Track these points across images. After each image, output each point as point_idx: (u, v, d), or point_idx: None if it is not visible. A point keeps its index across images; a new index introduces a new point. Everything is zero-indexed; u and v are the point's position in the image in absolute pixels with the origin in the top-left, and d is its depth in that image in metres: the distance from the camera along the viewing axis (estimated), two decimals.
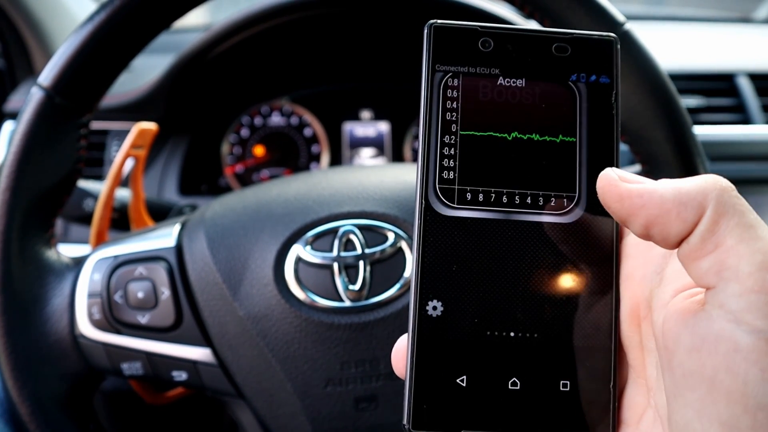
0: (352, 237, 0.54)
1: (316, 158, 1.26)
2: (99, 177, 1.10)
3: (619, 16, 0.54)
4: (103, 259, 0.57)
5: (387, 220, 0.55)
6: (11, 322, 0.54)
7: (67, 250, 0.90)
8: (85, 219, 0.74)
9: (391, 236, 0.54)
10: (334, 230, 0.54)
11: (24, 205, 0.55)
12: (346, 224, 0.54)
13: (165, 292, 0.55)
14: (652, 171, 0.57)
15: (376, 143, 1.26)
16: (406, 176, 0.59)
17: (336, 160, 1.26)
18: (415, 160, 1.26)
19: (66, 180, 0.58)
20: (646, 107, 0.54)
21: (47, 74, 0.55)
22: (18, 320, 0.55)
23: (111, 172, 0.68)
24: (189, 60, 1.01)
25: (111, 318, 0.55)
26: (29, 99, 0.55)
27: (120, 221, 0.76)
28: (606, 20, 0.54)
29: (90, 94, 0.57)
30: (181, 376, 0.55)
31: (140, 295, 0.55)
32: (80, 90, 0.56)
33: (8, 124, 1.17)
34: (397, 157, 1.25)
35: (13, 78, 1.40)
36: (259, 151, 1.25)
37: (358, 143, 1.26)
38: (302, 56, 1.17)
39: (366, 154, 1.26)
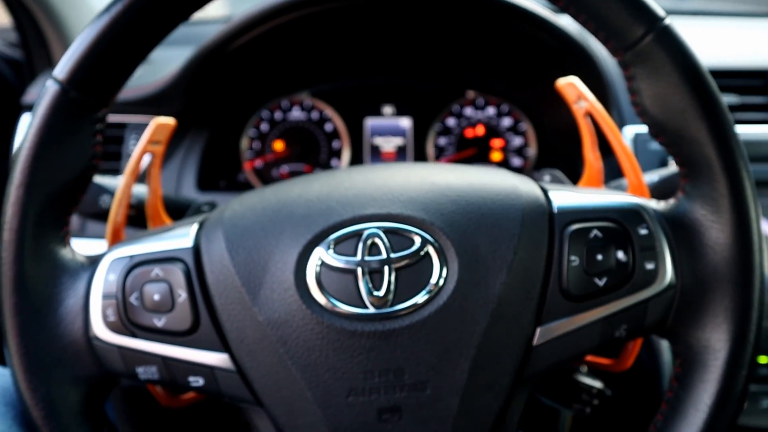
0: (377, 240, 0.51)
1: (337, 154, 1.23)
2: (116, 171, 1.09)
3: (659, 11, 0.51)
4: (118, 259, 0.55)
5: (413, 224, 0.52)
6: (24, 324, 0.53)
7: (83, 246, 0.89)
8: (101, 215, 0.73)
9: (417, 240, 0.51)
10: (358, 233, 0.52)
11: (38, 202, 0.53)
12: (370, 227, 0.52)
13: (182, 295, 0.53)
14: (692, 173, 0.54)
15: (398, 139, 1.23)
16: (433, 176, 0.56)
17: (357, 156, 1.23)
18: (438, 156, 1.23)
19: (81, 177, 0.56)
20: (687, 106, 0.51)
21: (62, 67, 0.53)
22: (31, 321, 0.53)
23: (128, 168, 0.66)
24: (208, 53, 0.99)
25: (126, 320, 0.53)
26: (44, 92, 0.53)
27: (137, 218, 0.74)
28: (645, 15, 0.51)
29: (106, 88, 0.55)
30: (197, 381, 0.53)
31: (156, 297, 0.53)
32: (96, 84, 0.54)
33: (26, 116, 1.16)
34: (420, 153, 1.23)
35: (31, 69, 1.39)
36: (278, 146, 1.23)
37: (380, 139, 1.24)
38: (323, 50, 1.14)
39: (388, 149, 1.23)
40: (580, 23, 0.54)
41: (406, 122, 1.23)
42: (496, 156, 1.22)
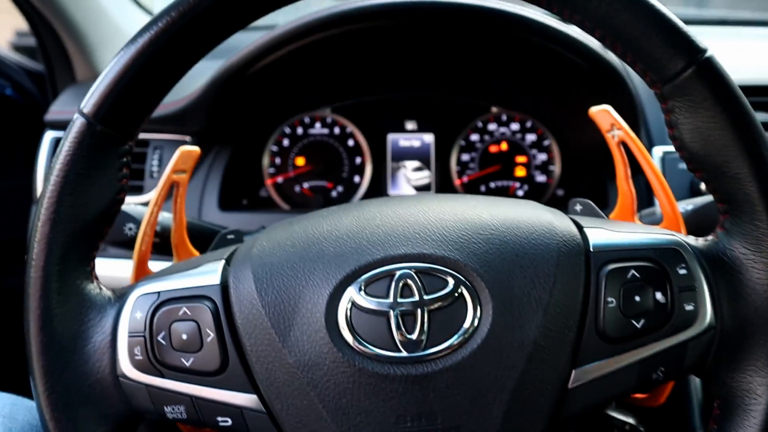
0: (410, 282, 0.50)
1: (359, 170, 1.22)
2: (139, 189, 1.09)
3: (700, 43, 0.50)
4: (145, 296, 0.54)
5: (446, 264, 0.51)
6: (51, 362, 0.52)
7: (105, 265, 0.88)
8: (126, 243, 0.72)
9: (450, 281, 0.50)
10: (390, 273, 0.51)
11: (64, 239, 0.53)
12: (402, 268, 0.51)
13: (210, 335, 0.52)
14: (732, 210, 0.52)
15: (421, 155, 1.22)
16: (465, 212, 0.55)
17: (379, 172, 1.22)
18: (461, 173, 1.22)
19: (107, 211, 0.55)
20: (729, 142, 0.50)
21: (88, 101, 0.52)
22: (58, 360, 0.52)
23: (153, 198, 0.65)
24: (230, 74, 0.99)
25: (154, 359, 0.53)
26: (70, 127, 0.53)
27: (161, 245, 0.74)
28: (685, 47, 0.50)
29: (133, 120, 0.54)
30: (226, 422, 0.53)
31: (184, 337, 0.52)
32: (123, 117, 0.53)
33: (49, 134, 1.16)
34: (443, 169, 1.22)
35: (53, 82, 1.39)
36: (300, 162, 1.22)
37: (403, 155, 1.23)
38: (345, 67, 1.14)
39: (410, 165, 1.22)
40: (617, 55, 0.52)
41: (428, 137, 1.22)
42: (520, 172, 1.21)
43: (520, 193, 1.21)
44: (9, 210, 1.53)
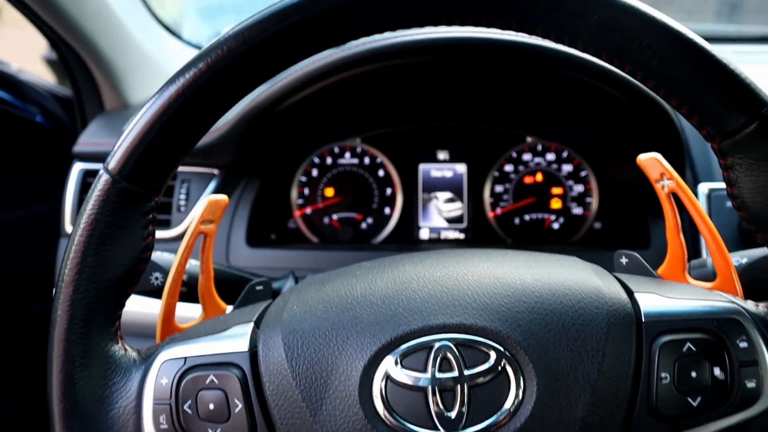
0: (449, 355, 0.47)
1: (390, 201, 1.20)
2: (167, 222, 1.07)
3: (765, 96, 0.46)
4: (171, 361, 0.52)
5: (488, 336, 0.48)
6: (74, 429, 0.50)
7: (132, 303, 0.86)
8: (153, 293, 0.70)
9: (492, 355, 0.47)
10: (429, 345, 0.48)
11: (87, 299, 0.51)
12: (441, 339, 0.48)
13: (238, 405, 0.50)
14: None
15: (453, 186, 1.19)
16: (508, 276, 0.52)
17: (410, 204, 1.19)
18: (495, 204, 1.18)
19: (132, 270, 0.54)
20: None
21: (113, 158, 0.51)
22: (81, 426, 0.50)
23: (180, 251, 0.63)
24: (259, 111, 0.97)
25: (180, 429, 0.50)
26: (95, 183, 0.51)
27: (189, 294, 0.72)
28: (749, 100, 0.46)
29: (159, 176, 0.53)
30: None
31: (211, 406, 0.50)
32: (148, 173, 0.52)
33: (78, 166, 1.15)
34: (476, 201, 1.18)
35: (81, 107, 1.38)
36: (329, 192, 1.20)
37: (434, 186, 1.20)
38: (377, 99, 1.11)
39: (442, 197, 1.19)
40: (673, 106, 0.49)
41: (461, 168, 1.19)
42: (556, 204, 1.17)
43: (556, 226, 1.17)
44: (39, 236, 1.53)
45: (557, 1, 0.46)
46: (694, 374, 0.47)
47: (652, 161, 0.61)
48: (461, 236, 1.19)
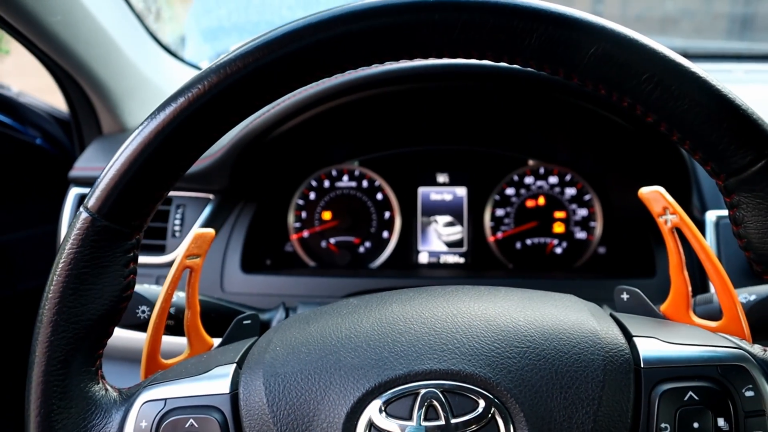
0: (435, 402, 0.45)
1: (388, 225, 1.17)
2: (161, 248, 1.06)
3: None
4: (151, 403, 0.50)
5: (477, 383, 0.45)
6: None
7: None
8: (139, 327, 0.68)
9: (481, 403, 0.45)
10: (414, 392, 0.45)
11: (66, 339, 0.49)
12: (428, 386, 0.45)
13: None
14: None
15: (453, 209, 1.17)
16: (499, 317, 0.49)
17: (409, 227, 1.17)
18: (496, 228, 1.16)
19: (112, 309, 0.52)
20: None
21: (92, 197, 0.49)
22: None
23: (165, 286, 0.61)
24: (253, 137, 0.95)
25: None
26: (74, 222, 0.49)
27: (176, 327, 0.70)
28: (756, 138, 0.43)
29: (139, 213, 0.51)
30: None
31: None
32: (128, 211, 0.50)
33: (74, 191, 1.14)
34: (477, 225, 1.16)
35: (78, 129, 1.37)
36: (326, 216, 1.18)
37: (434, 209, 1.17)
38: (374, 122, 1.09)
39: (442, 220, 1.17)
40: (674, 141, 0.46)
41: (461, 191, 1.17)
42: (559, 228, 1.14)
43: (559, 250, 1.14)
44: (39, 258, 1.52)
45: (551, 33, 0.44)
46: (696, 425, 0.44)
47: (654, 195, 0.58)
48: (461, 260, 1.17)
